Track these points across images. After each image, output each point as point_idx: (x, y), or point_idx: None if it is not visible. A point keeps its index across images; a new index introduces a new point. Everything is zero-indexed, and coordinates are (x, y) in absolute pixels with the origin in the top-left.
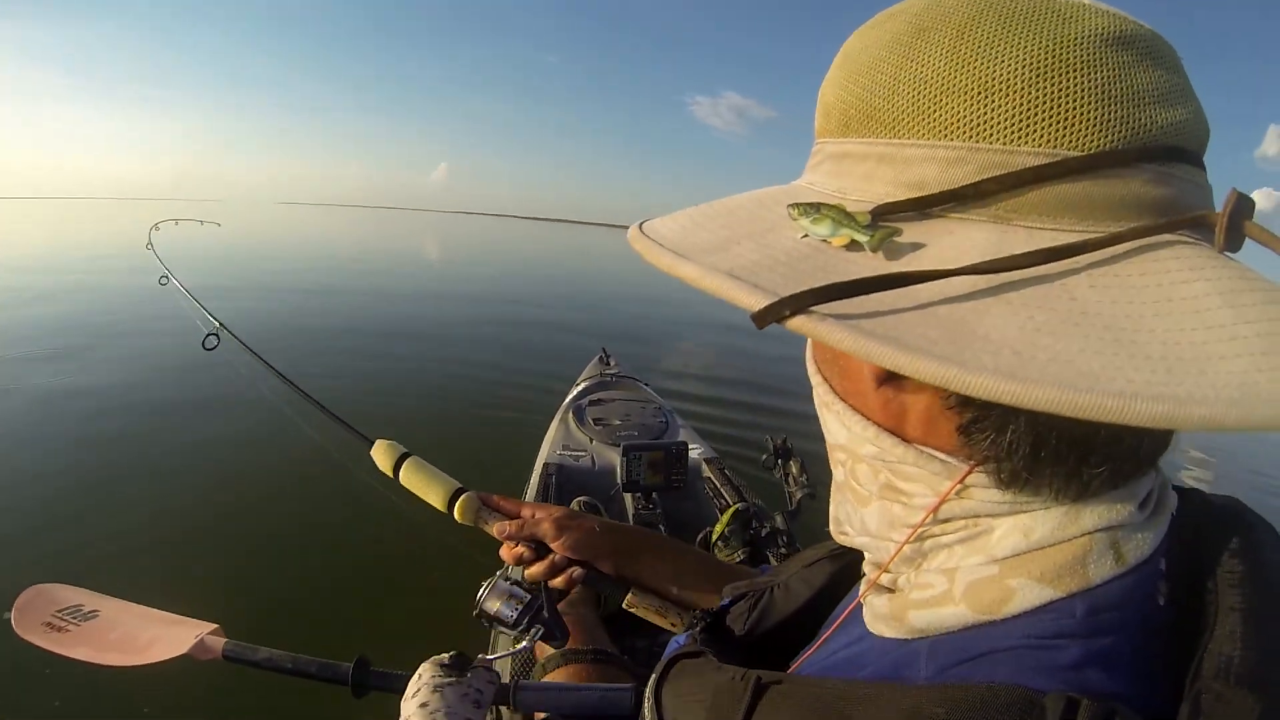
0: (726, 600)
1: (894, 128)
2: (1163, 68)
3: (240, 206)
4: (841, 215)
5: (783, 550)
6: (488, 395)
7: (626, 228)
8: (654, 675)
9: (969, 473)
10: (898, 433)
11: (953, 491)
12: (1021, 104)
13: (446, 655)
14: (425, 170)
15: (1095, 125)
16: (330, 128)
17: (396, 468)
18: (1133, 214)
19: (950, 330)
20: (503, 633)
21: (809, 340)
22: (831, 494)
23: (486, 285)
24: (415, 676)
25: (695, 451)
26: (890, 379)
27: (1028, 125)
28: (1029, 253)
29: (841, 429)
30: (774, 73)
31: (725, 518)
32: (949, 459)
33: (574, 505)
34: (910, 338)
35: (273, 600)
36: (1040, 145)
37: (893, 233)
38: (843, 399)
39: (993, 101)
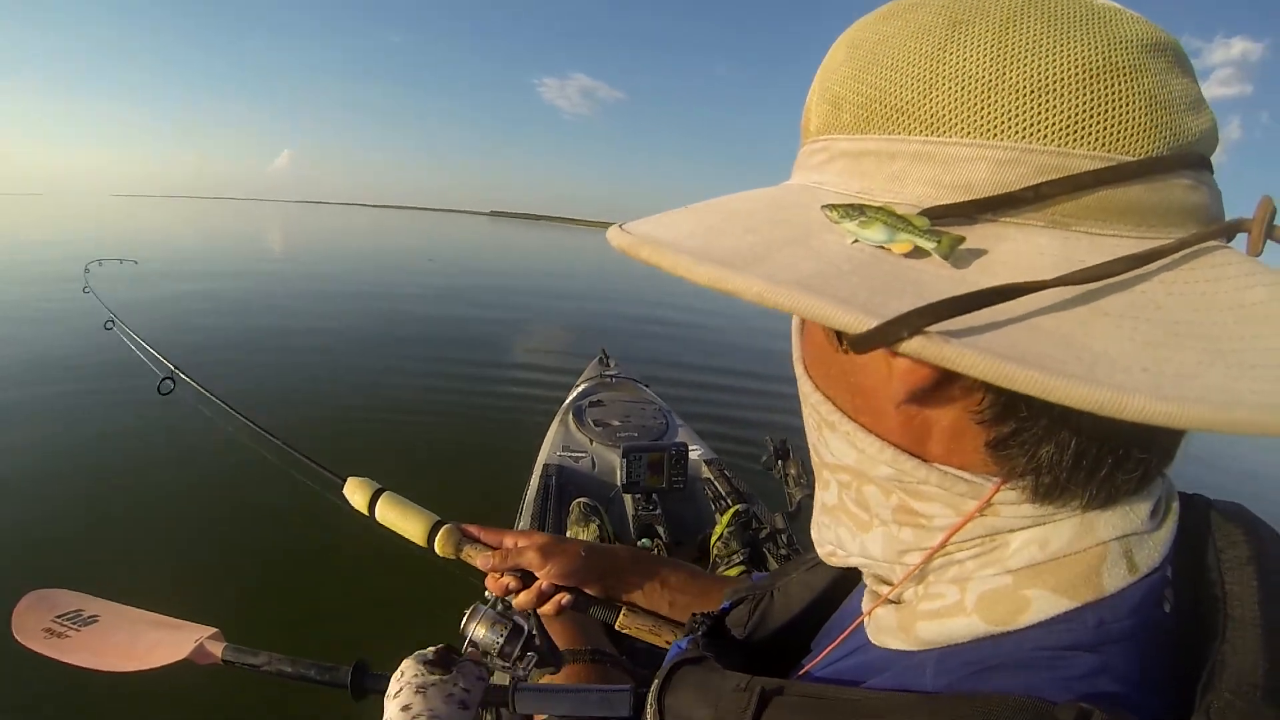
0: (727, 604)
1: (931, 125)
2: (1188, 76)
3: (67, 199)
4: (893, 219)
5: (782, 551)
6: (469, 405)
7: (480, 214)
8: (656, 681)
9: (997, 490)
10: (917, 452)
11: (978, 511)
12: (1075, 105)
13: (431, 650)
14: (267, 157)
15: (1145, 131)
16: (160, 116)
17: (371, 505)
18: (1177, 220)
19: (1067, 347)
20: (496, 665)
21: (798, 354)
22: (816, 515)
23: (421, 286)
24: (397, 674)
25: (695, 452)
26: (915, 397)
27: (1082, 127)
28: (1115, 260)
29: (849, 450)
30: (624, 55)
31: (725, 519)
32: (974, 478)
33: (574, 506)
34: (1034, 357)
35: (271, 606)
36: (1094, 149)
37: (959, 239)
38: (853, 418)
39: (1045, 101)
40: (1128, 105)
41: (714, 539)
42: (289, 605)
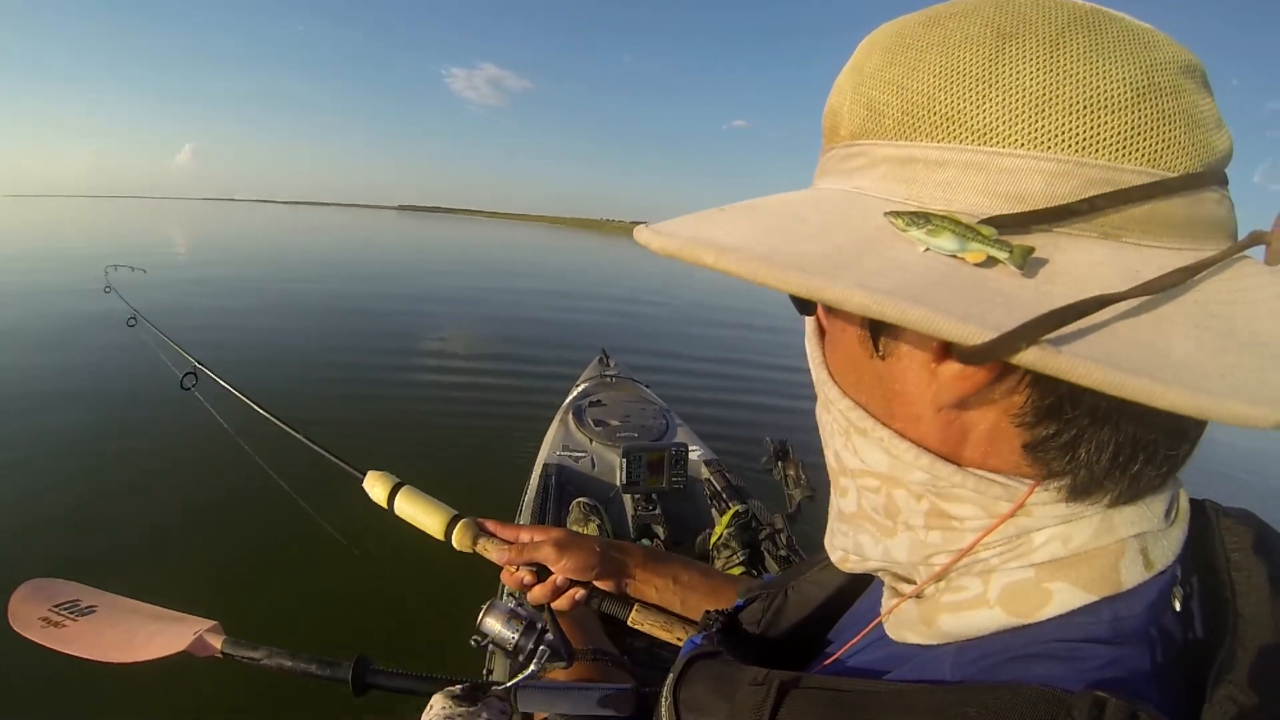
0: (741, 600)
1: (984, 135)
2: (1211, 96)
3: None
4: (960, 227)
5: (782, 552)
6: (471, 403)
7: (388, 208)
8: (672, 675)
9: (1031, 492)
10: (952, 457)
11: (1013, 513)
12: (1125, 122)
13: (459, 686)
14: (168, 153)
15: (1185, 148)
16: (47, 111)
17: (391, 499)
18: (1208, 232)
19: (1153, 355)
20: (506, 655)
21: (819, 358)
22: (831, 523)
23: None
24: (427, 709)
25: (695, 453)
26: (963, 402)
27: (1131, 143)
28: (1174, 271)
29: (882, 456)
30: (532, 43)
31: (725, 519)
32: (1008, 480)
33: (574, 506)
34: (1132, 364)
35: (272, 600)
36: (1141, 164)
37: (1030, 249)
38: (886, 424)
39: (1098, 117)
40: (1170, 124)
41: (713, 539)
42: (295, 600)
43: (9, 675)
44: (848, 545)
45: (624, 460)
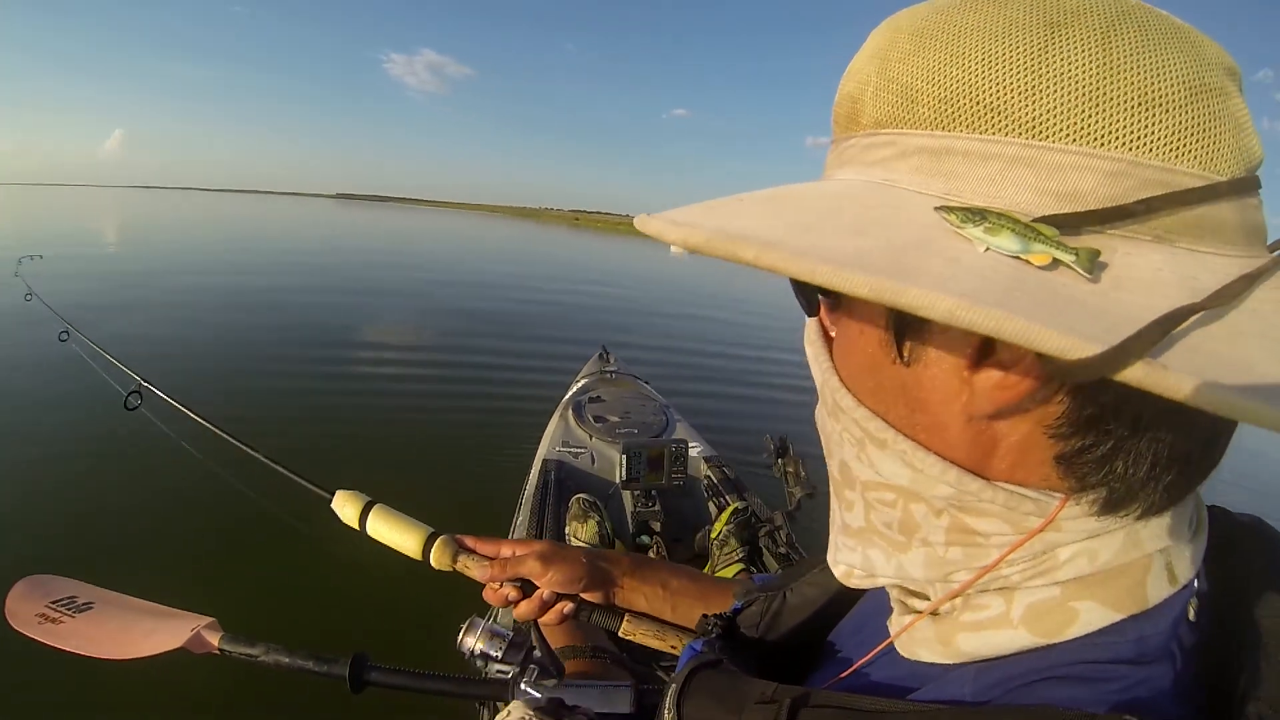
0: (739, 604)
1: (1033, 128)
2: (1244, 98)
3: None
4: (1020, 226)
5: (781, 549)
6: (443, 407)
7: (325, 196)
8: (674, 686)
9: (1063, 506)
10: (979, 469)
11: (1043, 528)
12: (1179, 122)
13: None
14: (97, 139)
15: (1233, 151)
16: None
17: (363, 519)
18: (1249, 239)
19: (1238, 371)
20: (495, 674)
21: (827, 365)
22: (835, 536)
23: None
24: (504, 714)
25: (695, 449)
26: (993, 412)
27: (1184, 144)
28: (1239, 279)
29: (903, 470)
30: (473, 29)
31: (724, 516)
32: (1038, 495)
33: (573, 503)
34: (1230, 382)
35: (268, 596)
36: (1194, 166)
37: (1096, 252)
38: (909, 435)
39: (1152, 115)
40: (1221, 126)
41: (713, 536)
42: (287, 601)
43: (7, 671)
44: (855, 560)
45: (624, 456)
